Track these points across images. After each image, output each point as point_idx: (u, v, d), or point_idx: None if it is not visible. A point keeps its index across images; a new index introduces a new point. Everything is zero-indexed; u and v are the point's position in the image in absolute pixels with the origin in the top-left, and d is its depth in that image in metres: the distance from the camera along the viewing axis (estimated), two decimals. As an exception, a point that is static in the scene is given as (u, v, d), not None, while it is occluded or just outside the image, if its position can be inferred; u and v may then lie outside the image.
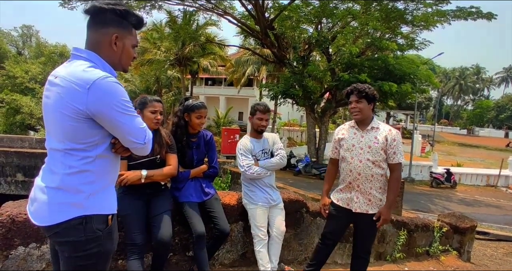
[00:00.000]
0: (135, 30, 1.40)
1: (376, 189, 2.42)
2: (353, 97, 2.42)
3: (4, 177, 10.85)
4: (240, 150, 2.67)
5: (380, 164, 2.40)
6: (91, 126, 1.24)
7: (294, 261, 3.15)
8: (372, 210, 2.42)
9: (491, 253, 6.40)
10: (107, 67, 1.30)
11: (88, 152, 1.26)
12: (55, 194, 1.24)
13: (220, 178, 10.46)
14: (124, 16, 1.32)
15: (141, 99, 2.24)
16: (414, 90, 13.71)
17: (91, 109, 1.20)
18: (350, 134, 2.50)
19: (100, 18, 1.30)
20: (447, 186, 14.84)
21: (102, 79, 1.20)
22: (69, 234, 1.24)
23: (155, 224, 2.13)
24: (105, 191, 1.34)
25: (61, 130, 1.24)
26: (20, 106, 24.58)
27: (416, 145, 23.20)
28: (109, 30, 1.30)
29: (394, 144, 2.37)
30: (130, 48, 1.38)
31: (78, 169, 1.25)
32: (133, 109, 1.31)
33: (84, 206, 1.25)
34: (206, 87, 31.96)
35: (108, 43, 1.31)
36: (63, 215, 1.23)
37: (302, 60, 14.07)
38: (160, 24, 22.05)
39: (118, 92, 1.24)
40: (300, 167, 13.88)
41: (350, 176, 2.46)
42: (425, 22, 12.75)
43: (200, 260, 2.30)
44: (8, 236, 1.90)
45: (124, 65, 1.40)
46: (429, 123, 55.32)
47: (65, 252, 1.29)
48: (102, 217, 1.30)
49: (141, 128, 1.32)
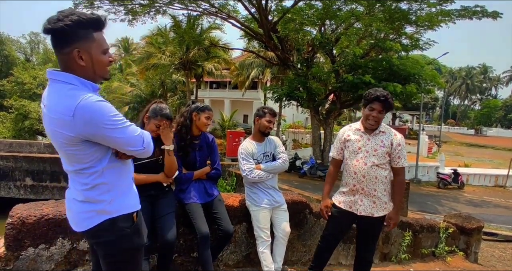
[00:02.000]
0: (99, 33, 1.30)
1: (380, 191, 2.43)
2: (378, 106, 2.37)
3: (13, 182, 11.03)
4: (241, 154, 2.71)
5: (384, 167, 2.42)
6: (88, 146, 1.30)
7: (298, 262, 3.17)
8: (378, 213, 2.42)
9: (500, 254, 6.33)
10: (87, 84, 1.28)
11: (94, 168, 1.34)
12: (82, 206, 1.38)
13: (226, 180, 10.51)
14: (77, 26, 1.22)
15: (156, 108, 2.22)
16: (419, 90, 13.61)
17: (82, 133, 1.24)
18: (356, 136, 2.50)
19: (56, 39, 1.23)
20: (454, 187, 14.68)
21: (83, 101, 1.19)
22: (101, 235, 1.39)
23: (160, 225, 2.17)
24: (124, 193, 1.44)
25: (65, 155, 1.34)
26: (29, 111, 24.97)
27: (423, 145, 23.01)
28: (68, 48, 1.23)
29: (399, 148, 2.41)
30: (99, 56, 1.30)
31: (91, 184, 1.35)
32: (123, 119, 1.30)
33: (108, 211, 1.37)
34: (211, 91, 32.11)
35: (73, 60, 1.25)
36: (93, 221, 1.37)
37: (306, 62, 14.08)
38: (164, 28, 22.30)
39: (103, 110, 1.23)
40: (305, 169, 13.85)
41: (355, 179, 2.46)
42: (429, 22, 12.68)
43: (204, 260, 2.34)
44: (19, 238, 1.96)
45: (102, 74, 1.35)
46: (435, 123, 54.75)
47: (101, 250, 1.43)
48: (127, 216, 1.42)
49: (136, 136, 1.36)
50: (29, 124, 24.88)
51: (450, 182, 14.65)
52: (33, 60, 42.48)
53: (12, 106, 25.47)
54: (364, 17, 12.50)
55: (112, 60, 1.39)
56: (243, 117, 30.43)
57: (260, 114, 2.75)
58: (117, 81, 31.21)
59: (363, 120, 2.49)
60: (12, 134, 24.98)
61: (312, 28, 14.09)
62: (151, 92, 27.57)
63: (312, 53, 14.43)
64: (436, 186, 14.91)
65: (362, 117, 2.54)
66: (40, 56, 41.03)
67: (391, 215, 2.43)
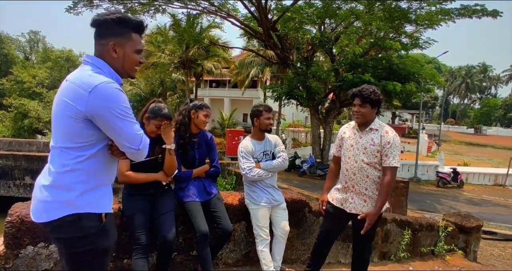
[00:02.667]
0: (137, 35, 1.43)
1: (372, 190, 2.40)
2: (357, 101, 2.39)
3: (13, 180, 11.04)
4: (241, 152, 2.71)
5: (375, 166, 2.38)
6: (88, 126, 1.29)
7: (297, 261, 3.18)
8: (367, 212, 2.39)
9: (499, 253, 6.33)
10: (113, 74, 1.38)
11: (82, 151, 1.31)
12: (49, 192, 1.30)
13: (225, 179, 10.52)
14: (119, 23, 1.37)
15: (155, 108, 2.21)
16: (419, 89, 13.62)
17: (90, 111, 1.26)
18: (350, 134, 2.51)
19: (99, 30, 1.38)
20: (454, 186, 14.69)
21: (104, 84, 1.27)
22: (62, 231, 1.30)
23: (159, 224, 2.17)
24: (99, 191, 1.37)
25: (60, 128, 1.32)
26: (28, 110, 24.95)
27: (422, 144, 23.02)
28: (106, 39, 1.37)
29: (387, 146, 2.32)
30: (131, 54, 1.41)
31: (70, 167, 1.30)
32: (132, 116, 1.35)
33: (76, 205, 1.30)
34: (210, 89, 32.10)
35: (108, 52, 1.37)
36: (56, 213, 1.29)
37: (306, 61, 14.07)
38: (164, 27, 22.28)
39: (119, 97, 1.30)
40: (304, 168, 13.86)
41: (346, 176, 2.48)
42: (429, 21, 12.66)
43: (204, 259, 2.34)
44: (18, 236, 1.96)
45: (129, 71, 1.45)
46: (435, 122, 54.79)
47: (62, 248, 1.37)
48: (95, 216, 1.34)
49: (137, 135, 1.36)
50: (28, 123, 24.86)
51: (449, 181, 14.66)
52: (32, 59, 42.45)
53: (12, 105, 25.44)
54: (364, 15, 12.49)
55: (142, 62, 1.49)
56: (243, 116, 30.41)
57: (256, 114, 2.74)
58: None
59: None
60: (11, 133, 24.96)
61: (312, 26, 14.08)
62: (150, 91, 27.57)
63: (312, 52, 14.42)
64: (436, 185, 14.92)
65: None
66: (39, 55, 40.93)
67: (368, 214, 2.32)
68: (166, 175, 2.28)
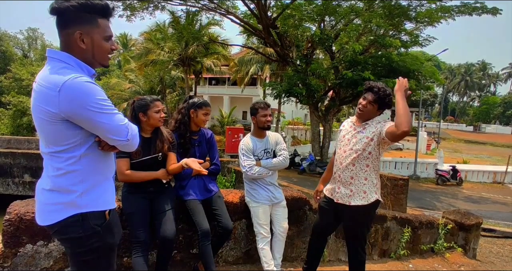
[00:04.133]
0: (104, 20, 1.31)
1: (358, 179, 2.35)
2: (370, 96, 2.33)
3: (12, 178, 11.00)
4: (242, 150, 2.69)
5: (364, 154, 2.32)
6: (68, 127, 1.23)
7: (297, 259, 3.17)
8: (354, 202, 2.34)
9: (498, 250, 6.35)
10: (83, 66, 1.28)
11: (71, 152, 1.27)
12: (50, 196, 1.29)
13: (225, 177, 10.51)
14: (82, 9, 1.24)
15: (140, 102, 2.22)
16: (419, 87, 13.61)
17: (64, 111, 1.19)
18: (347, 127, 2.52)
19: (61, 18, 1.25)
20: (453, 184, 14.73)
21: (72, 79, 1.18)
22: (68, 231, 1.29)
23: (159, 222, 2.16)
24: (99, 188, 1.35)
25: (43, 134, 1.27)
26: (27, 108, 24.83)
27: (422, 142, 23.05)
28: (71, 29, 1.25)
29: (381, 124, 2.28)
30: (101, 42, 1.30)
31: (65, 170, 1.27)
32: (111, 106, 1.27)
33: (78, 205, 1.29)
34: (210, 87, 32.01)
35: (75, 42, 1.26)
36: (59, 215, 1.28)
37: (305, 59, 14.04)
38: (163, 24, 22.16)
39: (91, 91, 1.21)
40: (304, 165, 13.87)
41: (335, 166, 2.49)
42: (429, 18, 12.65)
43: (205, 257, 2.33)
44: (17, 234, 1.95)
45: (101, 60, 1.34)
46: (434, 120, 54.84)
47: (68, 248, 1.35)
48: (99, 213, 1.33)
49: (121, 125, 1.29)
50: (27, 120, 24.77)
51: (448, 179, 14.70)
52: (30, 56, 42.22)
53: (10, 102, 25.36)
54: (363, 13, 12.45)
55: (115, 48, 1.37)
56: (242, 113, 30.39)
57: (253, 112, 2.73)
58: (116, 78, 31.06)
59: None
60: (10, 130, 24.91)
61: (312, 24, 14.05)
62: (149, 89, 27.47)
63: (312, 50, 14.39)
64: (435, 182, 14.96)
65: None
66: (37, 52, 40.77)
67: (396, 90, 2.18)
68: (166, 173, 2.27)
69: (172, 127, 2.51)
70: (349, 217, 2.43)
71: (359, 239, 2.47)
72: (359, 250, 2.47)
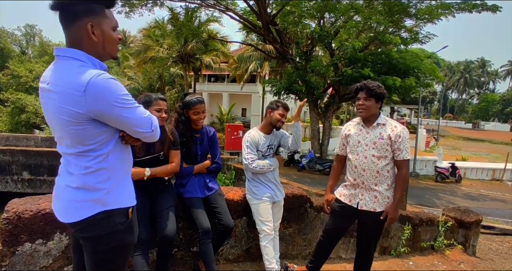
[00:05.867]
0: (109, 10, 1.30)
1: (382, 185, 2.37)
2: (362, 94, 2.38)
3: (10, 176, 10.98)
4: (247, 142, 2.64)
5: (386, 160, 2.36)
6: (96, 126, 1.23)
7: (298, 256, 3.16)
8: (380, 208, 2.37)
9: (497, 247, 6.36)
10: (96, 62, 1.26)
11: (100, 150, 1.27)
12: (76, 193, 1.27)
13: (224, 174, 10.51)
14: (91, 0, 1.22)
15: (145, 98, 2.22)
16: (418, 84, 13.60)
17: (92, 110, 1.18)
18: (356, 130, 2.48)
19: (68, 12, 1.21)
20: (452, 181, 14.77)
21: (95, 77, 1.16)
22: (93, 229, 1.29)
23: (159, 220, 2.14)
24: (122, 185, 1.36)
25: (68, 135, 1.24)
26: (25, 105, 24.75)
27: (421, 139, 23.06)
28: (82, 22, 1.21)
29: (399, 140, 2.33)
30: (110, 32, 1.29)
31: (94, 168, 1.27)
32: (133, 100, 1.28)
33: (105, 202, 1.29)
34: (209, 84, 31.91)
35: (86, 36, 1.23)
36: (86, 212, 1.27)
37: (305, 56, 13.99)
38: (162, 21, 22.05)
39: (115, 87, 1.21)
40: (304, 162, 13.88)
41: (355, 173, 2.43)
42: (429, 15, 12.61)
43: (206, 255, 2.31)
44: (15, 233, 1.92)
45: (111, 52, 1.33)
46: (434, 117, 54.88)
47: (89, 247, 1.33)
48: (123, 211, 1.34)
49: (145, 118, 1.31)
50: (25, 117, 24.68)
51: (447, 176, 14.74)
52: (28, 53, 42.00)
53: (8, 99, 25.23)
54: (363, 10, 12.40)
55: (121, 38, 1.37)
56: (242, 110, 30.35)
57: (273, 107, 2.69)
58: (115, 74, 30.97)
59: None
60: (8, 128, 24.81)
61: (311, 21, 13.98)
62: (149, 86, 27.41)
63: (311, 46, 14.34)
64: (434, 179, 15.00)
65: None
66: (36, 49, 40.52)
67: (389, 210, 2.33)
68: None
69: (171, 126, 2.48)
70: (373, 223, 2.43)
71: (375, 241, 2.52)
72: (371, 251, 2.52)
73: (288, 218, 3.04)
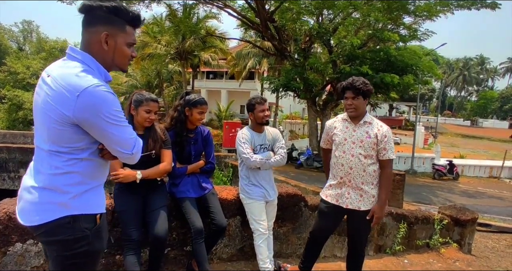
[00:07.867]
0: (131, 28, 1.33)
1: (368, 184, 2.37)
2: (349, 94, 2.37)
3: (7, 173, 10.94)
4: (241, 138, 2.62)
5: (372, 159, 2.36)
6: (76, 132, 1.21)
7: (292, 255, 3.17)
8: (364, 207, 2.37)
9: (493, 245, 6.38)
10: (101, 70, 1.28)
11: (73, 155, 1.24)
12: (41, 194, 1.23)
13: (222, 171, 10.50)
14: (114, 12, 1.26)
15: (138, 97, 2.20)
16: (417, 81, 13.58)
17: (78, 116, 1.17)
18: (342, 127, 2.46)
19: (90, 17, 1.26)
20: (449, 178, 14.80)
21: (93, 87, 1.17)
22: (57, 233, 1.24)
23: (151, 219, 2.13)
24: (92, 192, 1.32)
25: (46, 131, 1.23)
26: (22, 102, 24.67)
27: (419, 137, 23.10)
28: (98, 28, 1.25)
29: (385, 140, 2.34)
30: (123, 47, 1.31)
31: (64, 170, 1.23)
32: (123, 118, 1.27)
33: (71, 206, 1.24)
34: (207, 81, 31.84)
35: (98, 42, 1.26)
36: (50, 215, 1.22)
37: (303, 53, 13.94)
38: (160, 17, 21.90)
39: (109, 101, 1.21)
40: (302, 160, 13.87)
41: (342, 171, 2.42)
42: (428, 12, 12.56)
43: (199, 254, 2.31)
44: (6, 233, 1.92)
45: (120, 65, 1.35)
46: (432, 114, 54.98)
47: (53, 251, 1.29)
48: (90, 217, 1.30)
49: (130, 139, 1.30)
50: (23, 114, 24.62)
51: (445, 173, 14.76)
52: (26, 49, 41.77)
53: (5, 96, 25.13)
54: (362, 6, 12.33)
55: (135, 56, 1.38)
56: (240, 107, 30.29)
57: (250, 108, 2.67)
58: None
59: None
60: (5, 125, 24.75)
61: (310, 17, 13.91)
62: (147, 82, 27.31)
63: (309, 43, 14.29)
64: (432, 177, 15.03)
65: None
66: (33, 45, 40.29)
67: (375, 209, 2.34)
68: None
69: (168, 125, 2.46)
70: (358, 221, 2.43)
71: (364, 240, 2.52)
72: (362, 249, 2.52)
73: (283, 217, 3.04)
